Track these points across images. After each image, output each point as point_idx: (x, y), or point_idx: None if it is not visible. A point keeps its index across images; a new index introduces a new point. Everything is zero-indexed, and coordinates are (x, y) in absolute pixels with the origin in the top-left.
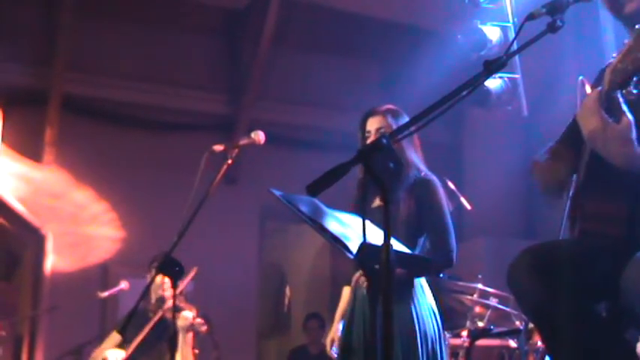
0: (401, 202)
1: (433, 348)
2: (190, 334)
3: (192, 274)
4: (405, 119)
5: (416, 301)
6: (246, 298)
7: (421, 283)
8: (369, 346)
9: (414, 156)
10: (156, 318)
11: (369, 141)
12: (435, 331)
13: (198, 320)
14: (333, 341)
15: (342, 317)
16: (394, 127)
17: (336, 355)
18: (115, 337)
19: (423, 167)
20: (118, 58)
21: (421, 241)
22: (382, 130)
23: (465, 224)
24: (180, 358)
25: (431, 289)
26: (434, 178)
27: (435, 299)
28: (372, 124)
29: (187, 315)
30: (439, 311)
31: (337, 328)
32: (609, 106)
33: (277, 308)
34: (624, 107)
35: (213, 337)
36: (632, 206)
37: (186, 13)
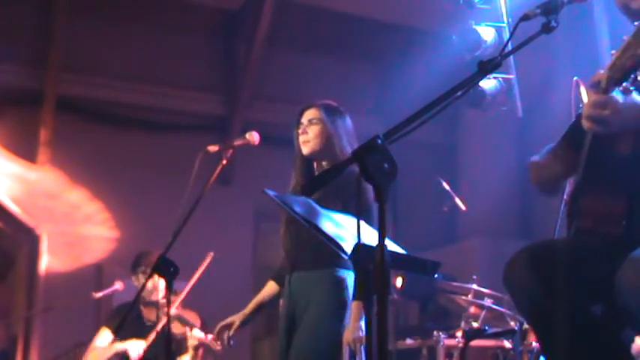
0: (328, 199)
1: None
2: (201, 351)
3: (208, 260)
4: (343, 117)
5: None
6: (240, 299)
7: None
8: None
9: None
10: (158, 329)
11: (300, 131)
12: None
13: (210, 337)
14: (228, 325)
15: (255, 307)
16: (326, 120)
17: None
18: (105, 334)
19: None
20: (112, 59)
21: None
22: (314, 122)
23: (460, 225)
24: None
25: (425, 290)
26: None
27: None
28: (306, 116)
29: (199, 334)
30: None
31: (244, 314)
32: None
33: (271, 309)
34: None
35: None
36: (629, 205)
37: (180, 13)
